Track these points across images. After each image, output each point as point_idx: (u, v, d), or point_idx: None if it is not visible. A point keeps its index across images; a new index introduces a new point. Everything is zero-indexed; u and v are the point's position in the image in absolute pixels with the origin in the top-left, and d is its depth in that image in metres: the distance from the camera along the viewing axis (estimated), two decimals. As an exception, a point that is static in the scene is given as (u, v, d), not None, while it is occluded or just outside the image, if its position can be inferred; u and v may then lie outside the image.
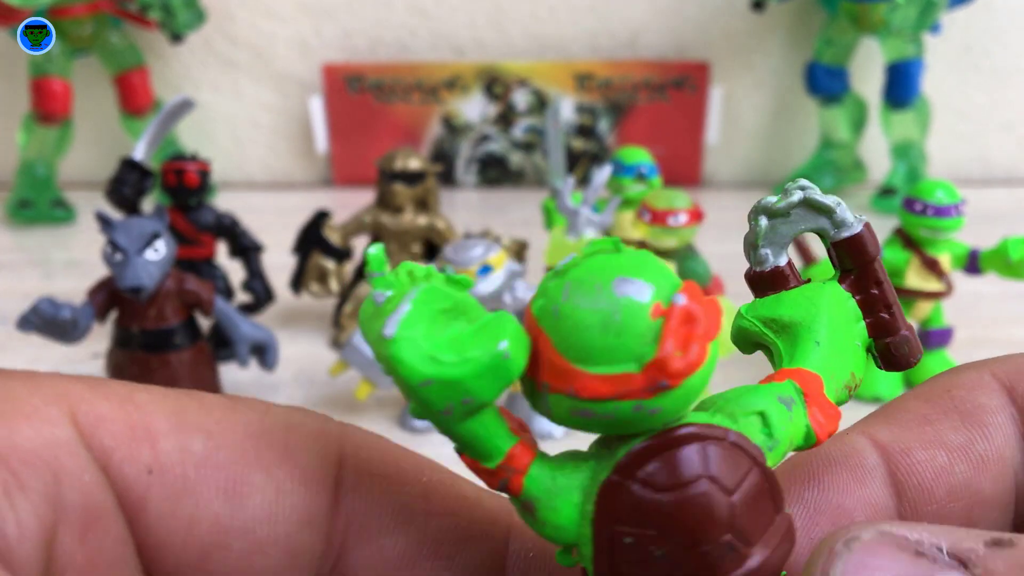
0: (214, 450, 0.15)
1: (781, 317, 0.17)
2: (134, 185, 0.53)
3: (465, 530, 0.16)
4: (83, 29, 0.88)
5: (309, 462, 0.16)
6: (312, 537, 0.15)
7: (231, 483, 0.15)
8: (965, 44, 0.97)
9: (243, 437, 0.15)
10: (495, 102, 0.98)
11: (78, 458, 0.14)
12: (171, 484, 0.14)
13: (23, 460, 0.13)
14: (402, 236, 0.63)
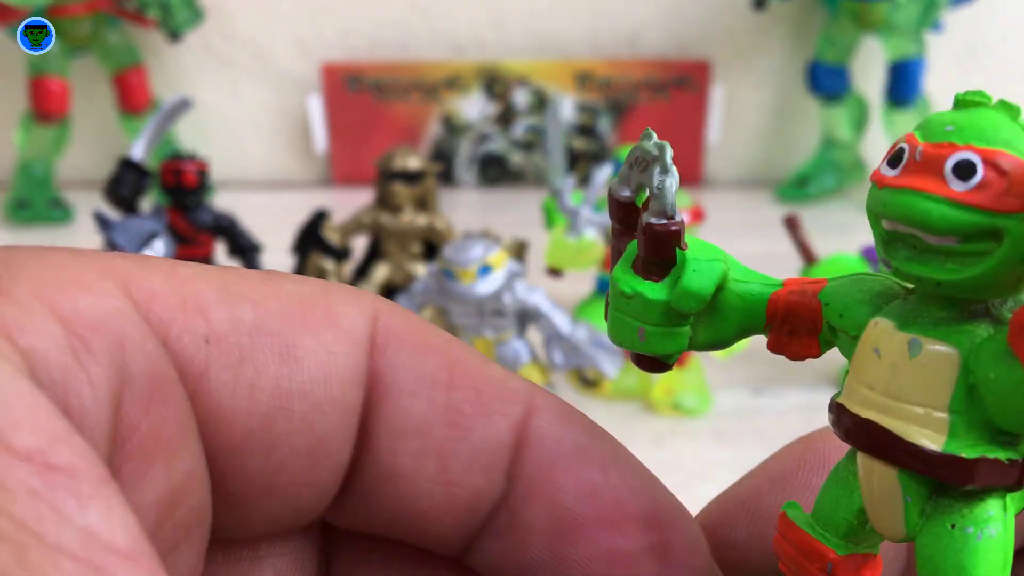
0: (263, 317, 0.15)
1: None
2: (132, 185, 0.53)
3: (485, 405, 0.16)
4: (81, 28, 0.87)
5: (351, 324, 0.16)
6: (361, 396, 0.16)
7: (285, 347, 0.15)
8: (967, 43, 0.97)
9: (287, 303, 0.15)
10: (495, 101, 0.97)
11: (139, 328, 0.13)
12: (229, 352, 0.14)
13: (88, 326, 0.13)
14: (401, 236, 0.62)
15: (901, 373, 0.14)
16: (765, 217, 0.88)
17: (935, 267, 0.14)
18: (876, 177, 0.14)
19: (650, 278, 0.16)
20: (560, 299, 0.56)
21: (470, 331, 0.50)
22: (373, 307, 0.16)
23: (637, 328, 0.16)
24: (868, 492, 0.15)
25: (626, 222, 0.17)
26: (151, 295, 0.14)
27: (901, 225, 0.14)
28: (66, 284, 0.13)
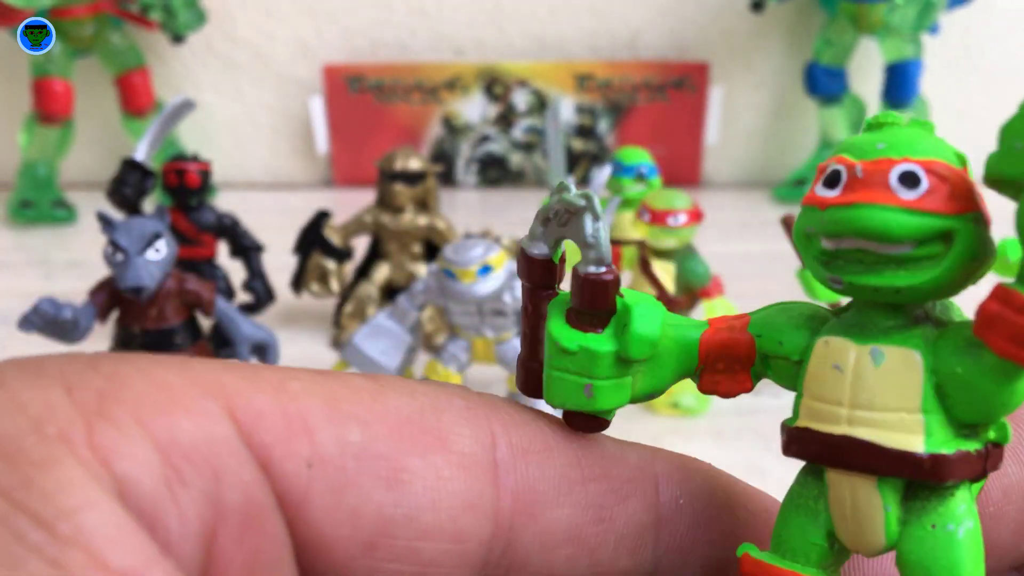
0: (371, 439, 0.15)
1: None
2: (135, 185, 0.53)
3: (619, 490, 0.16)
4: (84, 30, 0.88)
5: (464, 446, 0.15)
6: (477, 521, 0.15)
7: (391, 471, 0.14)
8: (964, 45, 0.97)
9: (396, 423, 0.15)
10: (495, 102, 0.98)
11: (238, 456, 0.13)
12: (332, 477, 0.14)
13: (184, 456, 0.12)
14: (402, 236, 0.63)
15: (868, 384, 0.14)
16: (763, 217, 0.89)
17: (892, 275, 0.14)
18: (815, 200, 0.14)
19: (590, 331, 0.15)
20: (559, 299, 0.57)
21: (470, 331, 0.51)
22: (489, 425, 0.16)
23: (583, 385, 0.15)
24: (842, 510, 0.15)
25: (541, 280, 0.16)
26: (256, 416, 0.14)
27: (850, 240, 0.14)
28: (168, 406, 0.13)
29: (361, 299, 0.63)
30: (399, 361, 0.51)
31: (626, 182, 0.61)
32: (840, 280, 0.15)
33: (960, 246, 0.14)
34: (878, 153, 0.14)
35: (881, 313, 0.15)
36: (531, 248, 0.16)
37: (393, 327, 0.52)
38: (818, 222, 0.14)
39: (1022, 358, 0.13)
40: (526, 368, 0.17)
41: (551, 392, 0.16)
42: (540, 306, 0.16)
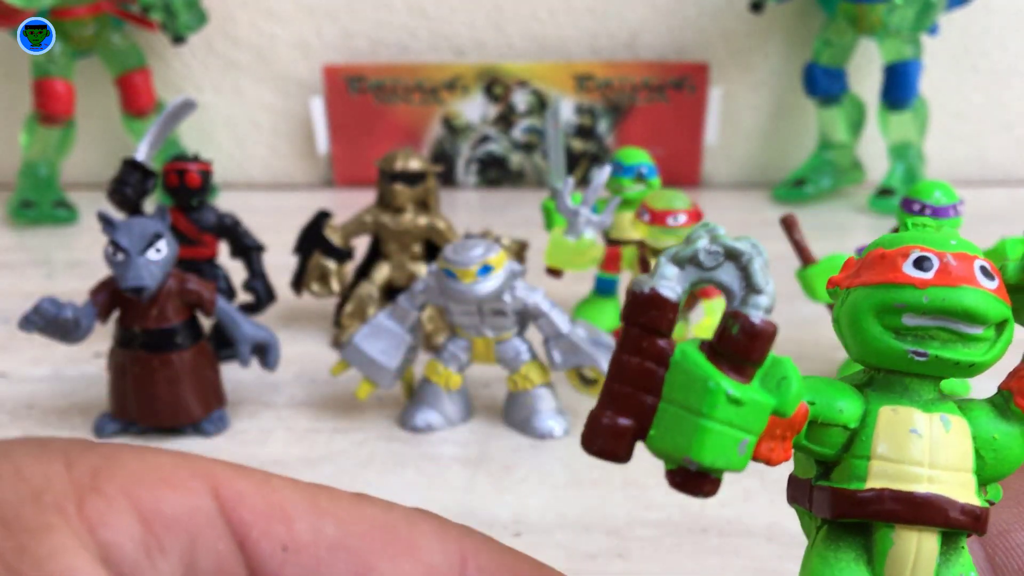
0: (344, 535, 0.15)
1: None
2: (136, 185, 0.53)
3: None
4: (85, 30, 0.88)
5: (433, 559, 0.16)
6: None
7: (360, 567, 0.15)
8: (963, 45, 0.97)
9: (370, 527, 0.16)
10: (495, 103, 0.98)
11: (215, 528, 0.14)
12: (304, 562, 0.15)
13: (164, 525, 0.14)
14: (403, 236, 0.63)
15: (941, 446, 0.16)
16: (762, 217, 0.89)
17: (971, 352, 0.16)
18: (910, 279, 0.16)
19: (743, 381, 0.15)
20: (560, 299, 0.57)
21: (470, 330, 0.51)
22: (460, 546, 0.17)
23: (740, 440, 0.15)
24: (903, 566, 0.16)
25: (664, 326, 0.15)
26: (238, 498, 0.15)
27: (938, 319, 0.16)
28: (156, 483, 0.14)
29: (361, 299, 0.63)
30: (399, 361, 0.51)
31: (626, 182, 0.62)
32: (927, 354, 0.16)
33: (1009, 333, 0.17)
34: (955, 248, 0.17)
35: (922, 386, 0.17)
36: (662, 289, 0.15)
37: (393, 327, 0.52)
38: (916, 299, 0.16)
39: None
40: (615, 429, 0.15)
41: (703, 449, 0.15)
42: (657, 358, 0.15)
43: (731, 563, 0.40)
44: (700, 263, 0.15)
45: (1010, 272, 0.17)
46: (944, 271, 0.16)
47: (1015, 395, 0.17)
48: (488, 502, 0.45)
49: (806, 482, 0.17)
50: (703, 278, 0.15)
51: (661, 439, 0.15)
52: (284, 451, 0.50)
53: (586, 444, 0.16)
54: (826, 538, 0.17)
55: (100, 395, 0.55)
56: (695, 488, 0.15)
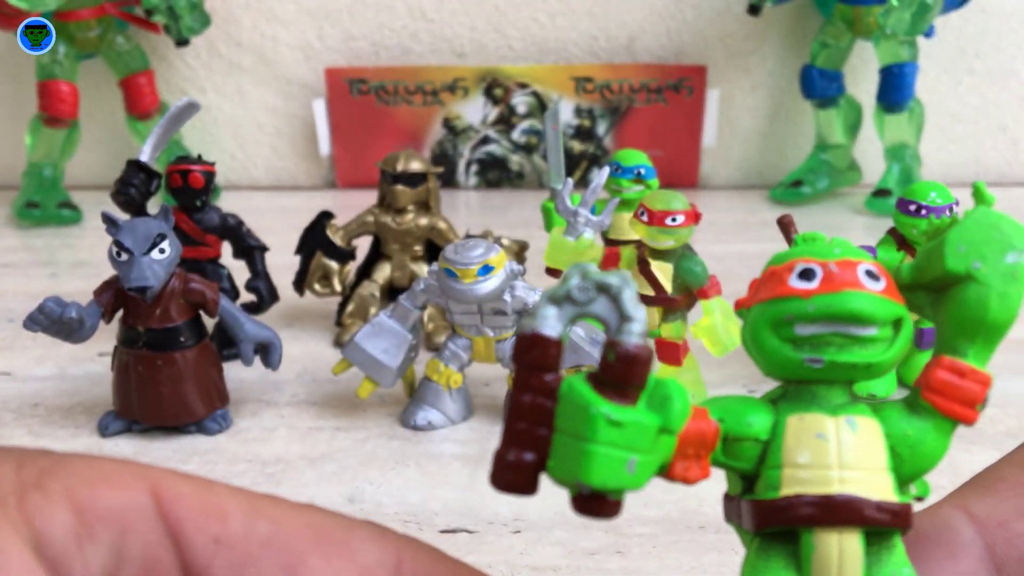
0: (277, 534, 0.16)
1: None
2: (140, 186, 0.54)
3: None
4: (89, 32, 0.89)
5: (368, 560, 0.17)
6: None
7: (291, 563, 0.16)
8: (959, 47, 0.98)
9: (306, 529, 0.16)
10: (495, 105, 0.98)
11: (147, 520, 0.15)
12: (235, 556, 0.16)
13: (97, 516, 0.15)
14: (404, 237, 0.64)
15: (849, 447, 0.17)
16: (759, 218, 0.90)
17: (867, 353, 0.17)
18: (796, 291, 0.17)
19: (627, 404, 0.16)
20: (558, 298, 0.57)
21: (471, 330, 0.51)
22: (397, 549, 0.17)
23: (628, 460, 0.15)
24: (827, 568, 0.16)
25: (551, 364, 0.16)
26: (176, 497, 0.16)
27: (828, 324, 0.17)
28: (96, 481, 0.15)
29: (363, 299, 0.64)
30: (400, 360, 0.52)
31: (624, 183, 0.62)
32: (821, 360, 0.17)
33: (907, 331, 0.17)
34: (838, 256, 0.17)
35: (831, 391, 0.17)
36: (543, 329, 0.16)
37: (395, 326, 0.52)
38: (802, 309, 0.17)
39: (967, 417, 0.17)
40: (518, 464, 0.16)
41: (592, 471, 0.15)
42: (546, 393, 0.16)
43: (729, 560, 0.41)
44: (575, 299, 0.16)
45: (904, 272, 0.18)
46: (828, 279, 0.17)
47: (923, 390, 0.17)
48: (488, 500, 0.46)
49: (735, 498, 0.18)
50: (580, 312, 0.16)
51: (558, 468, 0.16)
52: (286, 449, 0.51)
53: (494, 482, 0.16)
54: (758, 549, 0.17)
55: (104, 394, 0.56)
56: (596, 511, 0.16)
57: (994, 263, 0.17)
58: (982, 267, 0.17)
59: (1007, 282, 0.16)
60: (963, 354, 0.17)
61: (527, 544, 0.42)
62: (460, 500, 0.46)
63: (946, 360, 0.17)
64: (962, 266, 0.17)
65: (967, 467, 0.21)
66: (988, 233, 0.17)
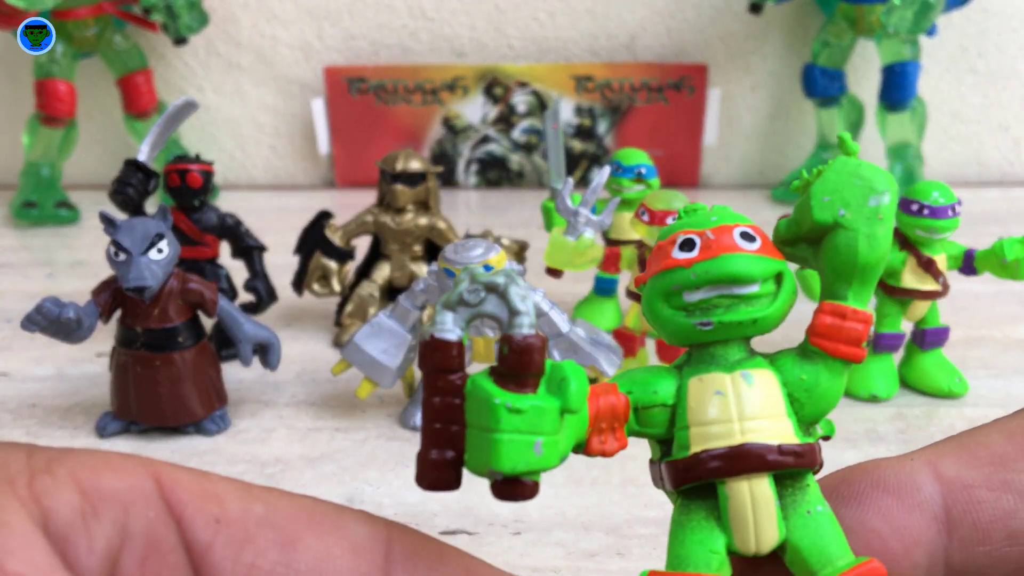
0: (272, 514, 0.17)
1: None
2: (138, 186, 0.53)
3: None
4: (87, 31, 0.88)
5: (357, 536, 0.18)
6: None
7: (286, 539, 0.17)
8: (961, 46, 0.98)
9: (299, 510, 0.18)
10: (495, 104, 0.98)
11: (150, 501, 0.16)
12: (234, 534, 0.17)
13: (101, 496, 0.16)
14: (403, 236, 0.63)
15: (747, 399, 0.18)
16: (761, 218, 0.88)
17: (752, 310, 0.18)
18: (679, 262, 0.18)
19: (528, 392, 0.17)
20: (559, 299, 0.57)
21: (471, 330, 0.51)
22: (387, 530, 0.18)
23: (534, 443, 0.16)
24: (743, 516, 0.17)
25: (455, 365, 0.17)
26: (176, 482, 0.17)
27: (710, 289, 0.18)
28: (100, 468, 0.16)
29: (362, 299, 0.64)
30: (400, 360, 0.52)
31: (625, 183, 0.62)
32: (711, 322, 0.18)
33: (789, 283, 0.18)
34: (715, 223, 0.18)
35: (728, 350, 0.19)
36: (442, 334, 0.17)
37: (394, 327, 0.52)
38: (685, 278, 0.18)
39: (854, 355, 0.18)
40: (439, 462, 0.17)
41: (501, 457, 0.16)
42: (453, 392, 0.17)
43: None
44: (467, 302, 0.17)
45: (781, 228, 0.19)
46: (706, 247, 0.18)
47: (811, 336, 0.18)
48: (488, 501, 0.45)
49: (656, 463, 0.19)
50: (474, 313, 0.17)
51: (472, 460, 0.17)
52: (285, 450, 0.50)
53: (419, 481, 0.17)
54: (680, 507, 0.18)
55: (102, 395, 0.55)
56: (514, 494, 0.17)
57: (858, 208, 0.18)
58: (847, 213, 0.18)
59: (872, 224, 0.18)
60: (843, 297, 0.18)
61: (527, 545, 0.42)
62: (460, 501, 0.45)
63: (828, 305, 0.18)
64: (829, 215, 0.18)
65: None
66: (849, 181, 0.18)
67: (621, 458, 0.50)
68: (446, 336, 0.17)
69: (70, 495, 0.15)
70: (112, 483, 0.16)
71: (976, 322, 0.64)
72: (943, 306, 0.57)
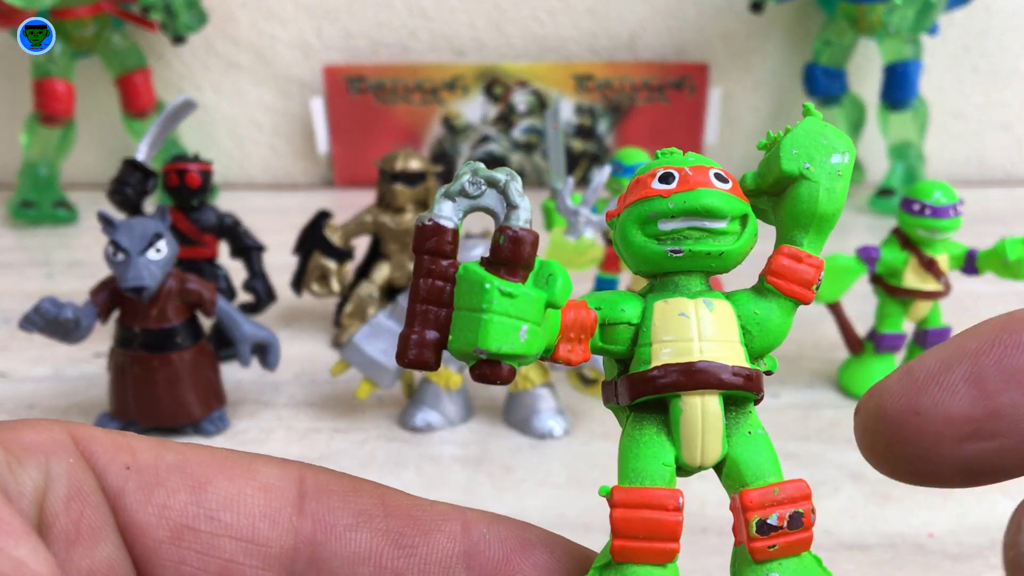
0: (184, 461, 0.19)
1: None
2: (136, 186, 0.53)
3: (422, 526, 0.20)
4: (85, 30, 0.88)
5: (268, 477, 0.19)
6: (276, 532, 0.19)
7: (197, 482, 0.18)
8: (963, 45, 0.97)
9: (211, 458, 0.19)
10: (495, 103, 0.98)
11: (67, 449, 0.18)
12: (145, 478, 0.18)
13: (23, 447, 0.17)
14: (403, 236, 0.63)
15: (707, 323, 0.19)
16: (763, 218, 0.89)
17: (719, 244, 0.19)
18: (657, 191, 0.19)
19: (516, 281, 0.18)
20: (559, 299, 0.57)
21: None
22: (299, 470, 0.19)
23: (520, 327, 0.18)
24: (693, 430, 0.19)
25: (449, 251, 0.18)
26: (91, 438, 0.18)
27: (685, 219, 0.19)
28: (21, 427, 0.18)
29: (361, 299, 0.63)
30: (399, 360, 0.51)
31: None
32: (681, 250, 0.19)
33: (752, 225, 0.20)
34: (692, 163, 0.20)
35: (690, 280, 0.20)
36: (442, 220, 0.18)
37: (393, 327, 0.52)
38: (663, 206, 0.19)
39: (804, 296, 0.20)
40: (422, 341, 0.18)
41: (488, 336, 0.17)
42: (443, 277, 0.18)
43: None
44: (467, 193, 0.18)
45: (748, 179, 0.20)
46: (684, 180, 0.19)
47: (767, 275, 0.20)
48: (488, 502, 0.46)
49: (611, 381, 0.20)
50: (472, 206, 0.18)
51: (457, 340, 0.18)
52: (284, 450, 0.50)
53: (399, 358, 0.18)
54: (632, 421, 0.20)
55: (100, 395, 0.55)
56: (493, 375, 0.18)
57: (822, 163, 0.19)
58: (811, 167, 0.19)
59: (833, 179, 0.19)
60: (799, 243, 0.20)
61: (528, 548, 0.42)
62: (459, 502, 0.45)
63: (786, 248, 0.20)
64: (795, 167, 0.19)
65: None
66: (816, 139, 0.19)
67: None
68: (443, 222, 0.18)
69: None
70: (31, 437, 0.18)
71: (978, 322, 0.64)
72: (945, 306, 0.57)
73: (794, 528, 0.18)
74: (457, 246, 0.18)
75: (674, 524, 0.18)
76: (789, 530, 0.18)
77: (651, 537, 0.18)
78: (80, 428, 0.18)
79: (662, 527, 0.18)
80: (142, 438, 0.19)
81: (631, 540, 0.18)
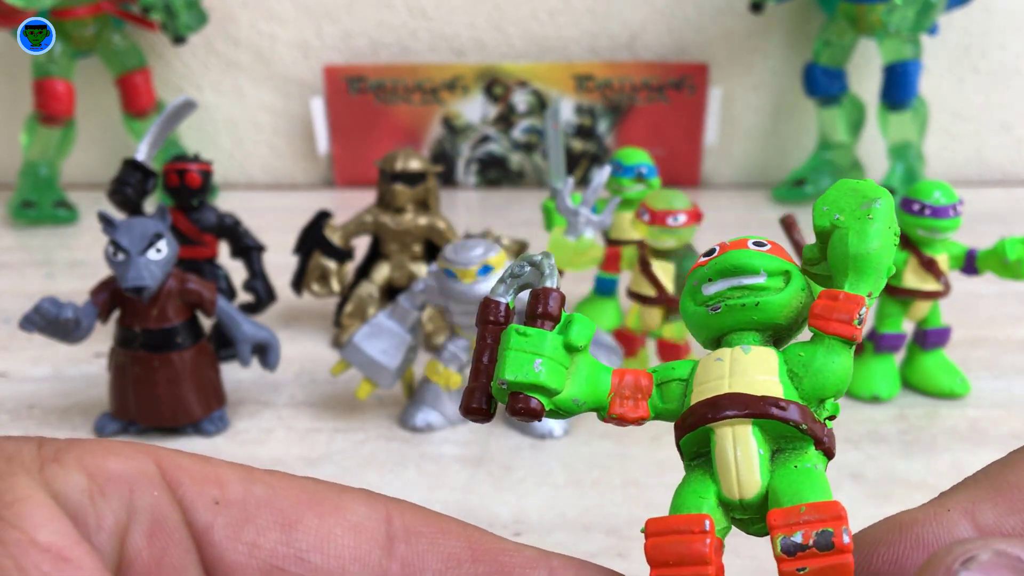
0: (273, 496, 0.18)
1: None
2: (136, 186, 0.53)
3: (508, 571, 0.19)
4: (85, 30, 0.88)
5: (359, 517, 0.19)
6: (364, 574, 0.18)
7: (287, 520, 0.18)
8: (963, 45, 0.97)
9: (300, 492, 0.18)
10: (495, 103, 0.98)
11: (152, 480, 0.17)
12: (234, 514, 0.18)
13: (107, 478, 0.17)
14: (403, 236, 0.63)
15: (741, 363, 0.20)
16: (762, 217, 0.89)
17: (756, 296, 0.20)
18: (699, 263, 0.21)
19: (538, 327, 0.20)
20: (559, 298, 0.57)
21: (470, 330, 0.51)
22: (386, 508, 0.19)
23: (534, 360, 0.19)
24: (727, 463, 0.19)
25: (499, 320, 0.21)
26: (177, 467, 0.18)
27: (723, 280, 0.20)
28: (105, 454, 0.17)
29: (362, 299, 0.63)
30: (399, 361, 0.51)
31: (625, 182, 0.62)
32: (719, 307, 0.20)
33: (797, 280, 0.20)
34: (734, 239, 0.21)
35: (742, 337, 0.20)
36: (499, 298, 0.21)
37: (393, 327, 0.52)
38: (702, 273, 0.21)
39: (845, 332, 0.20)
40: (475, 387, 0.20)
41: (505, 367, 0.19)
42: (496, 339, 0.20)
43: (730, 563, 0.40)
44: (514, 274, 0.21)
45: (805, 251, 0.21)
46: (721, 249, 0.21)
47: (808, 319, 0.20)
48: (488, 502, 0.46)
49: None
50: (519, 284, 0.21)
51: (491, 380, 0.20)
52: (284, 451, 0.50)
53: (461, 408, 0.20)
54: (688, 467, 0.20)
55: (101, 395, 0.55)
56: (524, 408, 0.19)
57: (851, 212, 0.20)
58: (841, 216, 0.20)
59: (862, 222, 0.20)
60: (839, 286, 0.20)
61: (528, 548, 0.42)
62: (459, 502, 0.45)
63: (824, 291, 0.20)
64: (826, 220, 0.20)
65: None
66: (845, 193, 0.20)
67: (621, 459, 0.50)
68: (498, 299, 0.21)
69: (78, 478, 0.16)
70: (117, 466, 0.17)
71: (978, 322, 0.64)
72: (945, 306, 0.57)
73: (824, 549, 0.17)
74: (509, 315, 0.21)
75: (701, 546, 0.18)
76: (818, 551, 0.17)
77: (681, 562, 0.18)
78: (167, 456, 0.18)
79: (690, 551, 0.18)
80: (230, 466, 0.18)
81: (664, 568, 0.18)
